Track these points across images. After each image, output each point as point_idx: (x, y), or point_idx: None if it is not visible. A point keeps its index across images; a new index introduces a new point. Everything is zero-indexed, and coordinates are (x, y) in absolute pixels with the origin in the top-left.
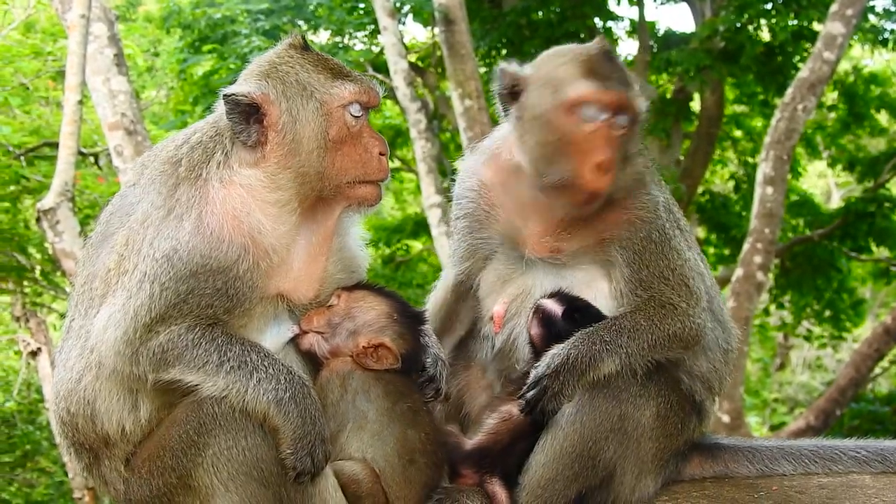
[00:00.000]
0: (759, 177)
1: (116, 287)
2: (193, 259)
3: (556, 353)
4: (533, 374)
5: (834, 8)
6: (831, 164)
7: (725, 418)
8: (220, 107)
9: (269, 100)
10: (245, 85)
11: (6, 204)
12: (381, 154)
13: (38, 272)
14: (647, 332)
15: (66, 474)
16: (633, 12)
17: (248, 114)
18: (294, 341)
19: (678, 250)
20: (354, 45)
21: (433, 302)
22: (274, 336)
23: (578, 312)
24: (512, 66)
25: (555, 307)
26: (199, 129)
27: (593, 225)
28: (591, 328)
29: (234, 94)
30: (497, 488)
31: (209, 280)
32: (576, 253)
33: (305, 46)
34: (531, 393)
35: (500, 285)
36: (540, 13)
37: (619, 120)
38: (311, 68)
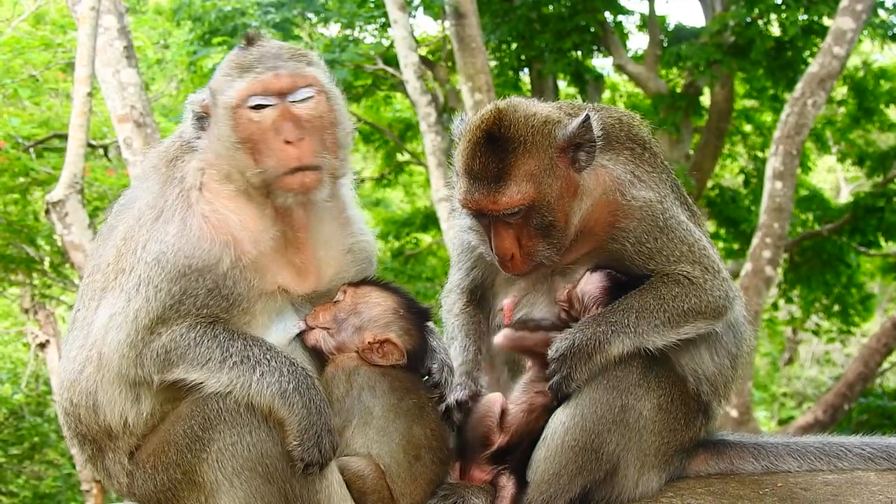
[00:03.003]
0: (769, 171)
1: (114, 284)
2: (179, 260)
3: (563, 337)
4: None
5: (844, 3)
6: (841, 159)
7: (734, 413)
8: None
9: (209, 107)
10: (200, 93)
11: (15, 196)
12: (287, 142)
13: (46, 264)
14: (658, 310)
15: (73, 466)
16: (644, 6)
17: (202, 118)
18: (300, 337)
19: (681, 238)
20: (365, 38)
21: (449, 307)
22: (279, 332)
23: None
24: None
25: (613, 275)
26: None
27: (582, 241)
28: (600, 311)
29: (190, 104)
30: (509, 483)
31: (199, 280)
32: (579, 259)
33: (249, 42)
34: (553, 378)
35: (511, 281)
36: (551, 7)
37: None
38: (227, 70)
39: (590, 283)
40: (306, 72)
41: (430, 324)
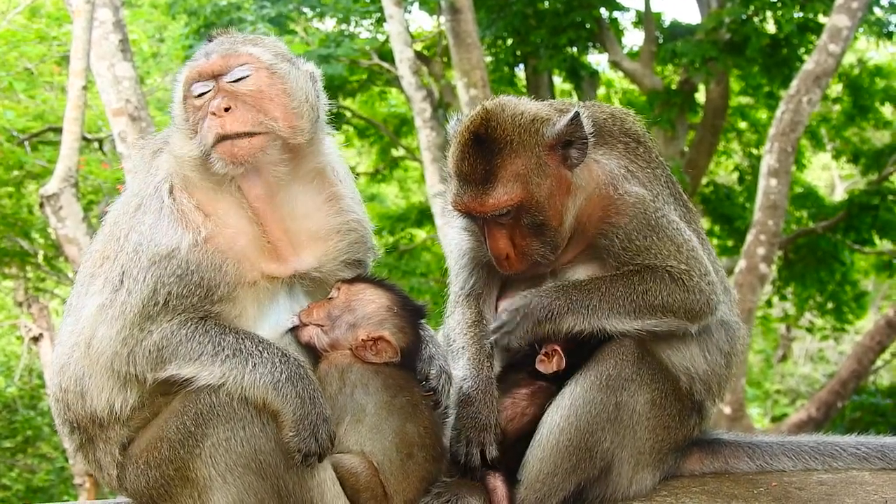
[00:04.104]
0: (764, 168)
1: (100, 271)
2: (151, 248)
3: (524, 294)
4: (499, 309)
5: (839, 1)
6: (835, 157)
7: (727, 410)
8: None
9: None
10: None
11: (10, 189)
12: (212, 115)
13: (41, 258)
14: (624, 299)
15: (66, 460)
16: (640, 3)
17: None
18: (294, 334)
19: (671, 238)
20: (360, 33)
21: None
22: (272, 325)
23: None
24: None
25: None
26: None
27: (576, 238)
28: (565, 284)
29: None
30: (498, 483)
31: (165, 266)
32: (575, 258)
33: (210, 40)
34: (492, 327)
35: (511, 281)
36: (546, 3)
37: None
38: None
39: None
40: (239, 50)
41: (428, 328)
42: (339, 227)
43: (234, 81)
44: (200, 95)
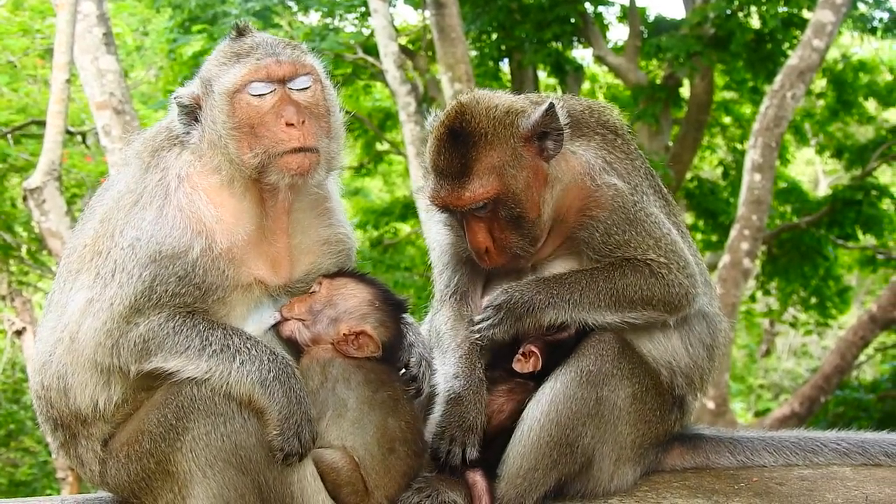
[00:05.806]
0: (748, 163)
1: (89, 266)
2: (151, 246)
3: (505, 289)
4: (483, 303)
5: None
6: (819, 152)
7: (710, 404)
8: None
9: (200, 98)
10: (188, 87)
11: None
12: (288, 124)
13: (24, 251)
14: (605, 293)
15: (49, 454)
16: None
17: (193, 111)
18: (275, 329)
19: (649, 232)
20: (345, 27)
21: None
22: (255, 323)
23: None
24: None
25: None
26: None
27: (555, 231)
28: (546, 277)
29: (177, 98)
30: (478, 477)
31: (168, 266)
32: (554, 252)
33: (240, 34)
34: (475, 321)
35: (493, 277)
36: None
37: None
38: (220, 59)
39: None
40: (306, 60)
41: (409, 317)
42: (330, 241)
43: (298, 90)
44: (260, 95)
